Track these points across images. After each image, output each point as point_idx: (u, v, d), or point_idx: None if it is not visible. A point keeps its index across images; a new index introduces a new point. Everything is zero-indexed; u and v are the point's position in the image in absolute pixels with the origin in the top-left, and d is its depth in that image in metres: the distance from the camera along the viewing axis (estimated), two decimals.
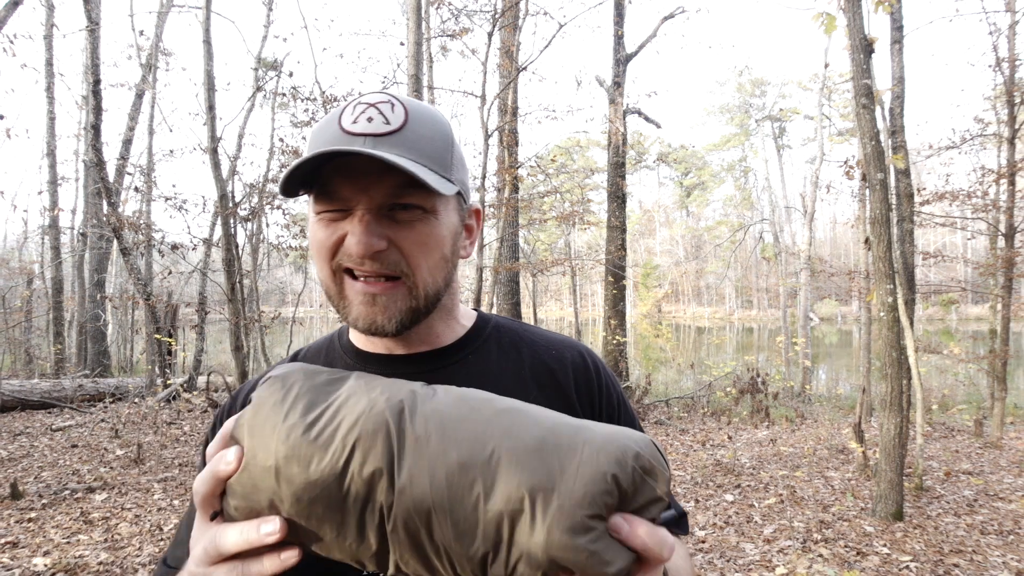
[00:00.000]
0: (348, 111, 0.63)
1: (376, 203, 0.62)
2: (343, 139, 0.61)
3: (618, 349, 9.34)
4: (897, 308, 3.85)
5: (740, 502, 4.43)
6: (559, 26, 7.57)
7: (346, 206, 0.63)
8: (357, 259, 0.62)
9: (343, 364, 0.75)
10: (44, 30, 10.94)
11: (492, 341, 0.76)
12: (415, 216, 0.64)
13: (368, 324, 0.65)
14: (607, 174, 10.03)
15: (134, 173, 11.36)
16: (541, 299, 33.61)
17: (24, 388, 8.08)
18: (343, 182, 0.62)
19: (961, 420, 7.42)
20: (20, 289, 13.36)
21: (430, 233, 0.65)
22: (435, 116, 0.67)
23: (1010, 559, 3.33)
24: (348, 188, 0.62)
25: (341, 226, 0.64)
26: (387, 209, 0.63)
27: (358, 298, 0.64)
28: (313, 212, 0.65)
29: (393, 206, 0.63)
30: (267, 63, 10.73)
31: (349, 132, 0.62)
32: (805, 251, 12.96)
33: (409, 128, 0.63)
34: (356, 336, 0.76)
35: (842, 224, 40.11)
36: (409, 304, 0.65)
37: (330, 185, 0.62)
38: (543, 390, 0.73)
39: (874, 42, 3.80)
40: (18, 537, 3.67)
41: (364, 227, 0.61)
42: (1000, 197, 7.58)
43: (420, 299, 0.66)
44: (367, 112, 0.63)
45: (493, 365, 0.74)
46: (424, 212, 0.64)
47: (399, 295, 0.64)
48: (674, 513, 0.79)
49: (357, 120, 0.62)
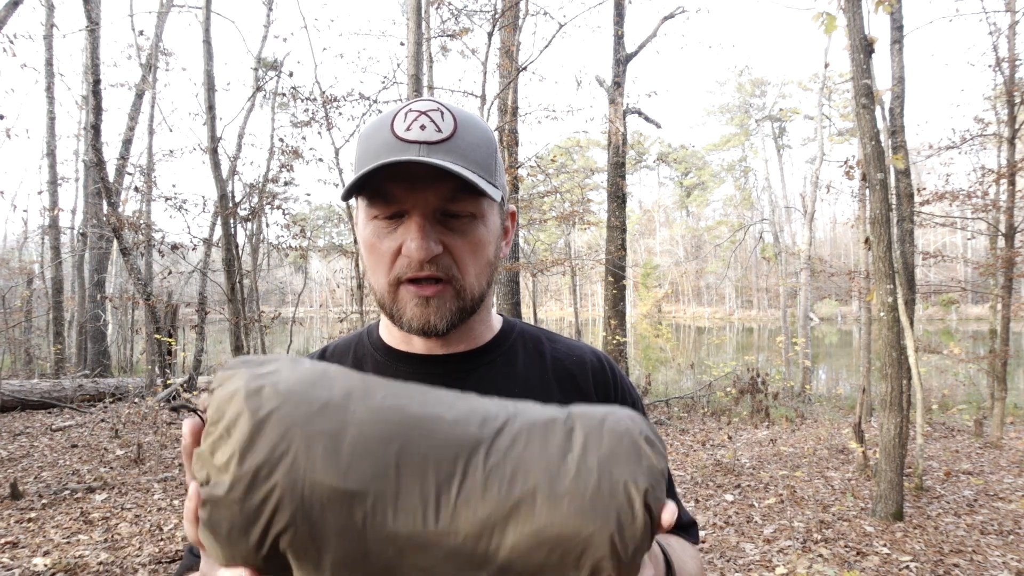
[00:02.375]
0: (400, 118, 0.66)
1: (431, 208, 0.65)
2: (398, 146, 0.64)
3: (618, 349, 9.34)
4: (897, 308, 3.85)
5: (740, 502, 4.43)
6: (559, 26, 7.57)
7: (401, 209, 0.66)
8: (416, 263, 0.65)
9: (372, 361, 0.77)
10: (44, 30, 10.94)
11: (519, 344, 0.80)
12: (465, 222, 0.67)
13: (422, 325, 0.68)
14: (607, 174, 10.02)
15: (134, 173, 11.36)
16: (541, 299, 33.61)
17: (24, 388, 8.08)
18: (399, 187, 0.65)
19: (961, 420, 7.42)
20: (20, 289, 13.36)
21: (479, 238, 0.68)
22: (479, 123, 0.70)
23: (1010, 559, 3.32)
24: (404, 193, 0.65)
25: (397, 235, 0.66)
26: (440, 214, 0.66)
27: (412, 301, 0.67)
28: (367, 216, 0.68)
29: (445, 212, 0.66)
30: (267, 63, 10.73)
31: (403, 139, 0.64)
32: (805, 251, 12.96)
33: (459, 136, 0.66)
34: (389, 334, 0.78)
35: (842, 224, 40.13)
36: (458, 305, 0.68)
37: (386, 189, 0.65)
38: (565, 393, 0.76)
39: (874, 42, 3.80)
40: (18, 537, 3.67)
41: (422, 232, 0.64)
42: (1000, 197, 7.58)
43: (467, 300, 0.69)
44: (419, 120, 0.65)
45: (520, 367, 0.77)
46: (474, 218, 0.68)
47: (448, 297, 0.68)
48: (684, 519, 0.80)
49: (410, 128, 0.65)
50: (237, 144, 9.75)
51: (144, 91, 11.16)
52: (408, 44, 5.89)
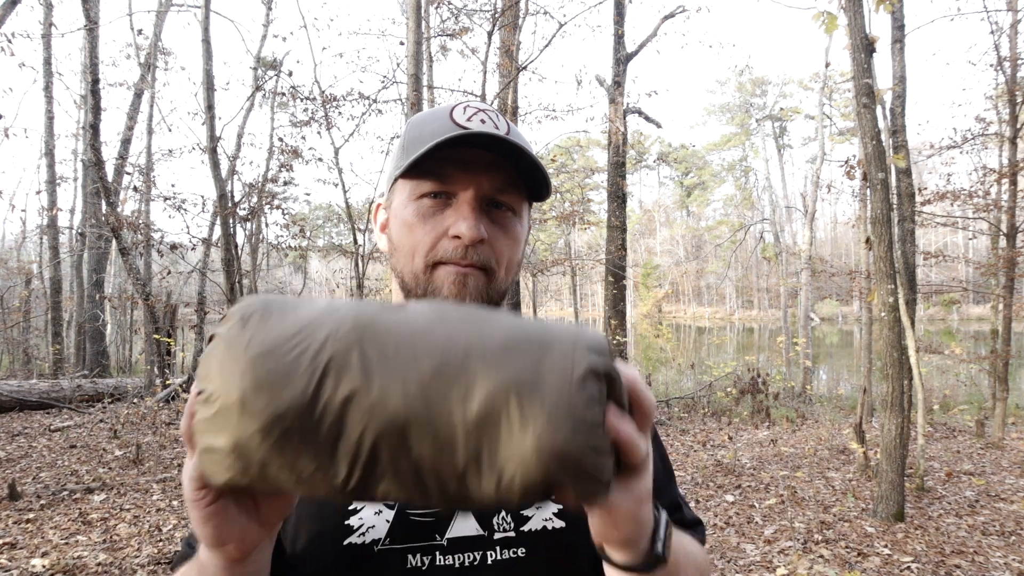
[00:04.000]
0: (459, 110, 0.67)
1: (483, 192, 0.66)
2: (461, 132, 0.64)
3: (618, 349, 9.33)
4: (898, 308, 3.84)
5: (741, 503, 4.42)
6: (559, 25, 7.55)
7: (452, 190, 0.66)
8: (463, 247, 0.65)
9: None
10: (42, 29, 10.93)
11: None
12: (507, 216, 0.68)
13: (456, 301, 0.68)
14: (607, 174, 10.01)
15: (133, 173, 11.36)
16: (541, 299, 33.60)
17: (22, 388, 8.07)
18: (455, 169, 0.65)
19: (962, 420, 7.40)
20: (18, 289, 13.35)
21: (516, 234, 0.69)
22: (521, 131, 0.71)
23: (1012, 560, 3.31)
24: (460, 174, 0.65)
25: (442, 217, 0.66)
26: (486, 204, 0.67)
27: (450, 278, 0.66)
28: (411, 195, 0.68)
29: (492, 202, 0.67)
30: (266, 62, 10.71)
31: (465, 127, 0.65)
32: (806, 251, 12.95)
33: (513, 134, 0.67)
34: None
35: (843, 224, 40.10)
36: (488, 295, 0.68)
37: (442, 169, 0.65)
38: None
39: (875, 41, 3.79)
40: (16, 538, 3.66)
41: (476, 214, 0.65)
42: (1001, 197, 7.57)
43: (496, 293, 0.69)
44: (479, 115, 0.67)
45: None
46: (514, 213, 0.68)
47: (483, 283, 0.67)
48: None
49: (471, 119, 0.66)
50: (236, 144, 9.73)
51: (143, 90, 11.15)
52: (408, 43, 5.87)
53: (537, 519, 0.67)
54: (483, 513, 0.67)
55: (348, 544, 0.65)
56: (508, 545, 0.66)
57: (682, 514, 0.77)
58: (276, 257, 12.02)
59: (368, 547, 0.64)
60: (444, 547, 0.65)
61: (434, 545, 0.65)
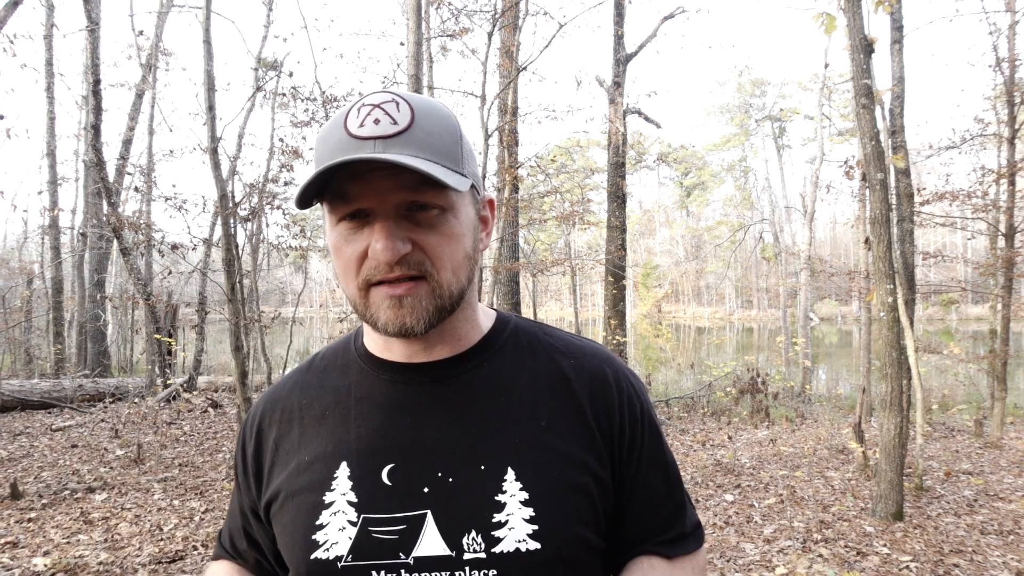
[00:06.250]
0: (353, 114, 0.63)
1: (395, 204, 0.62)
2: (351, 144, 0.61)
3: (618, 349, 9.34)
4: (897, 308, 3.85)
5: (740, 502, 4.43)
6: (559, 26, 7.56)
7: (364, 208, 0.62)
8: (384, 266, 0.62)
9: (358, 369, 0.75)
10: (44, 30, 10.95)
11: (509, 345, 0.74)
12: (434, 215, 0.63)
13: (399, 327, 0.64)
14: (607, 174, 10.03)
15: (134, 173, 11.35)
16: (541, 299, 33.60)
17: (24, 388, 8.08)
18: (357, 187, 0.61)
19: (961, 420, 7.42)
20: (20, 289, 13.36)
21: (451, 231, 0.64)
22: (440, 110, 0.66)
23: (1010, 559, 3.32)
24: (364, 191, 0.61)
25: (361, 237, 0.63)
26: (405, 210, 0.63)
27: (385, 303, 0.64)
28: (331, 220, 0.65)
29: (411, 206, 0.63)
30: (267, 63, 10.71)
31: (357, 136, 0.61)
32: (805, 251, 12.96)
33: (417, 126, 0.62)
34: (372, 342, 0.75)
35: (842, 224, 40.10)
36: (435, 303, 0.65)
37: (345, 189, 0.62)
38: (556, 398, 0.71)
39: (874, 42, 3.80)
40: (18, 537, 3.67)
41: (387, 232, 0.61)
42: (1000, 197, 7.57)
43: (445, 298, 0.65)
44: (373, 114, 0.62)
45: (506, 373, 0.72)
46: (443, 210, 0.64)
47: (423, 294, 0.64)
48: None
49: (364, 123, 0.61)
50: (237, 144, 9.73)
51: (144, 91, 11.16)
52: (408, 44, 5.89)
53: (510, 540, 0.63)
54: (452, 532, 0.63)
55: (314, 559, 0.64)
56: (478, 567, 0.62)
57: (684, 524, 0.76)
58: (277, 257, 12.00)
59: (332, 563, 0.64)
60: (410, 566, 0.63)
61: (399, 563, 0.63)
